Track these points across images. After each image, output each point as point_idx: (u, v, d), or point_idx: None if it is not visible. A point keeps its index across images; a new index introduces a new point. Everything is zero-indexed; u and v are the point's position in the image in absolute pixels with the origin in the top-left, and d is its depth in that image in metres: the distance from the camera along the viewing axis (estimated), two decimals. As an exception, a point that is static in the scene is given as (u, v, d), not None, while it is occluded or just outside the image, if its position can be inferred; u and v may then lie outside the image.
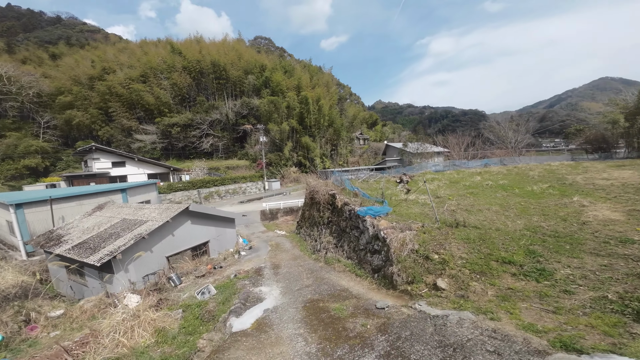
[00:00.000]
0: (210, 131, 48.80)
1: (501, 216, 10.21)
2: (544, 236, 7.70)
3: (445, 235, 7.79)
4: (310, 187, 16.57)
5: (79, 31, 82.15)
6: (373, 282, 8.40)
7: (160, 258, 13.04)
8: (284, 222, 26.67)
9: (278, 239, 19.43)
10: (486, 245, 7.03)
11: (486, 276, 5.97)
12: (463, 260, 6.57)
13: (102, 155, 33.78)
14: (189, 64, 51.19)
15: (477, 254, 6.68)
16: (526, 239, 7.27)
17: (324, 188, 14.63)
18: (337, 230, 12.78)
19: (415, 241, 7.63)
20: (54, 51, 68.37)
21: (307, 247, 15.70)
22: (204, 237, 14.93)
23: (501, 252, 6.66)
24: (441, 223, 8.89)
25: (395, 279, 7.23)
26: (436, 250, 7.11)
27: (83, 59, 57.18)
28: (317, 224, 15.54)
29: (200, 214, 14.68)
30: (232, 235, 16.98)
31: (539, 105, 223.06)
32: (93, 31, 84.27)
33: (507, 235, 7.74)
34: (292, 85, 53.18)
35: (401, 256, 7.41)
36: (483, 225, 8.93)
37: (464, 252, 6.87)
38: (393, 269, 7.39)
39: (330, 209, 14.14)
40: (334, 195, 13.98)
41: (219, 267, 13.83)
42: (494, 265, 6.21)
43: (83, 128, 49.88)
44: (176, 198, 33.08)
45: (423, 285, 6.56)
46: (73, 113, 48.18)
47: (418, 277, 6.76)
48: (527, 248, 6.74)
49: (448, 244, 7.31)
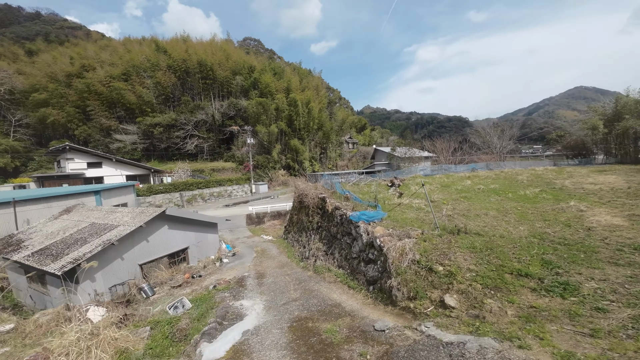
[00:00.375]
0: (195, 132, 46.98)
1: (501, 222, 9.55)
2: (553, 244, 7.01)
3: (448, 244, 6.96)
4: (299, 190, 15.59)
5: (58, 27, 78.21)
6: (368, 295, 7.47)
7: (132, 266, 11.71)
8: (271, 227, 25.46)
9: (264, 245, 18.26)
10: (495, 255, 6.25)
11: (502, 292, 5.15)
12: (472, 273, 5.75)
13: (76, 156, 31.55)
14: (174, 63, 49.32)
15: (487, 266, 5.88)
16: (537, 247, 6.55)
17: (314, 191, 13.67)
18: (328, 236, 11.84)
19: (415, 250, 6.77)
20: (30, 47, 64.65)
21: (294, 253, 14.67)
22: (183, 243, 13.65)
23: (514, 262, 5.88)
24: (441, 229, 8.09)
25: (394, 293, 6.33)
26: (440, 261, 6.26)
27: (61, 56, 54.10)
28: (306, 229, 14.56)
29: (179, 219, 13.41)
30: (215, 241, 15.73)
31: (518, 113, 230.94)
32: (74, 28, 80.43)
33: (514, 243, 7.00)
34: (281, 87, 52.15)
35: (401, 267, 6.53)
36: (485, 231, 8.20)
37: (472, 263, 6.05)
38: (392, 282, 6.48)
39: (320, 214, 13.23)
40: (324, 199, 13.08)
41: (197, 276, 12.57)
42: (509, 279, 5.41)
43: (58, 127, 46.96)
44: (156, 201, 31.25)
45: (428, 302, 5.68)
46: (48, 111, 45.28)
47: (421, 292, 5.88)
48: (540, 258, 6.00)
49: (453, 253, 6.48)
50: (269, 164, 46.42)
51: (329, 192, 13.59)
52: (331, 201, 12.45)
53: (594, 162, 34.08)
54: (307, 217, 14.58)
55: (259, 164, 46.17)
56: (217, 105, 49.23)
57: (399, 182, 18.07)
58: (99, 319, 9.72)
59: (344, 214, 10.59)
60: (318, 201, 13.62)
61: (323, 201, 13.13)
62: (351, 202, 12.20)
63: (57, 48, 62.18)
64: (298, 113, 48.01)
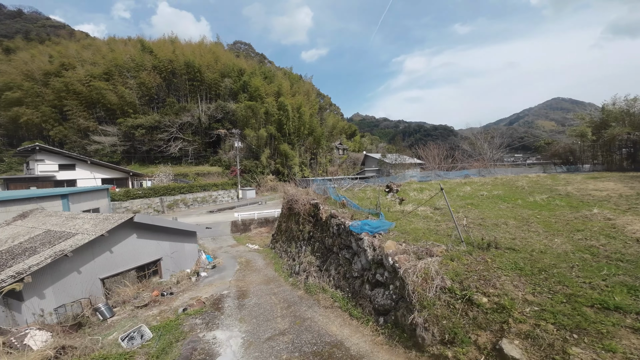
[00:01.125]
0: (180, 134, 44.39)
1: (528, 232, 7.98)
2: (612, 261, 5.42)
3: (485, 264, 5.26)
4: (288, 196, 13.72)
5: (40, 26, 74.02)
6: (379, 330, 5.64)
7: (91, 281, 9.59)
8: (257, 235, 23.33)
9: (249, 255, 16.19)
10: (555, 280, 4.57)
11: (589, 335, 3.46)
12: (534, 307, 4.03)
13: (47, 157, 28.57)
14: (160, 63, 46.87)
15: (552, 295, 4.19)
16: (604, 267, 4.92)
17: (305, 197, 11.85)
18: (322, 248, 9.97)
19: (444, 273, 5.02)
20: (8, 45, 60.64)
21: (282, 266, 12.71)
22: (155, 254, 11.52)
23: (587, 290, 4.22)
24: (466, 243, 6.40)
25: (420, 334, 4.54)
26: (482, 289, 4.53)
27: (40, 54, 50.59)
28: (296, 238, 12.64)
29: (150, 227, 11.30)
30: (193, 252, 13.59)
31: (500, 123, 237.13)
32: (57, 27, 76.37)
33: (567, 262, 5.36)
34: (271, 91, 50.42)
35: (426, 297, 4.76)
36: (518, 245, 6.57)
37: (528, 292, 4.35)
38: (415, 317, 4.69)
39: (312, 222, 11.39)
40: (317, 205, 11.29)
41: (168, 293, 10.39)
42: (591, 315, 3.72)
43: (32, 127, 43.45)
44: (134, 206, 28.54)
45: (474, 350, 3.91)
46: (21, 110, 41.86)
47: (462, 335, 4.12)
48: (618, 282, 4.36)
49: (496, 277, 4.77)
50: (257, 169, 44.34)
51: (322, 198, 11.80)
52: (325, 208, 10.65)
53: (582, 170, 33.74)
54: (297, 226, 12.71)
55: (246, 168, 44.00)
56: (204, 107, 46.89)
57: (397, 188, 16.45)
58: (40, 345, 7.63)
59: (341, 223, 8.77)
60: (310, 208, 11.81)
61: (316, 208, 11.33)
62: (349, 209, 10.41)
63: (37, 46, 58.50)
64: (288, 117, 46.31)
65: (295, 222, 13.05)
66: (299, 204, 11.88)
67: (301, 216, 11.99)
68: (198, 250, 14.24)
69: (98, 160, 33.44)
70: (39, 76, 44.75)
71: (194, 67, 47.74)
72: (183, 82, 48.07)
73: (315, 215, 11.19)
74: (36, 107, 42.63)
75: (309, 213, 11.76)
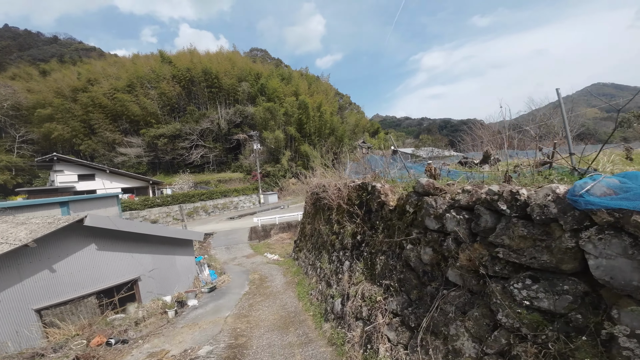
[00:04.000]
0: (201, 142, 43.02)
1: None
2: None
3: None
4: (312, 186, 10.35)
5: (73, 50, 78.38)
6: None
7: (19, 313, 6.67)
8: (278, 242, 20.21)
9: (265, 269, 12.97)
10: None
11: None
12: None
13: (66, 167, 27.75)
14: (179, 72, 46.26)
15: None
16: None
17: (338, 181, 8.21)
18: (395, 268, 4.84)
19: None
20: (44, 68, 63.86)
21: (309, 290, 8.97)
22: (128, 272, 8.51)
23: None
24: None
25: None
26: None
27: (71, 74, 52.41)
28: (328, 246, 8.66)
29: (119, 234, 8.30)
30: (188, 267, 10.56)
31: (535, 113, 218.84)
32: (89, 49, 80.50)
33: None
34: (289, 91, 48.04)
35: None
36: None
37: None
38: None
39: (360, 216, 6.45)
40: (366, 186, 6.43)
41: (120, 341, 6.92)
42: None
43: (63, 142, 44.24)
44: (152, 215, 26.71)
45: None
46: (52, 126, 42.62)
47: None
48: None
49: None
50: (278, 173, 41.76)
51: (372, 175, 7.22)
52: (386, 186, 5.77)
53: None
54: (328, 227, 8.93)
55: (267, 172, 41.57)
56: (222, 112, 45.37)
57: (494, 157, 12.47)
58: None
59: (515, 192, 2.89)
60: (350, 193, 7.18)
61: (364, 190, 6.53)
62: (446, 181, 4.57)
63: (69, 67, 61.10)
64: (309, 117, 43.45)
65: (325, 222, 9.31)
66: (329, 193, 8.17)
67: (334, 211, 8.19)
68: (201, 265, 11.20)
69: (116, 169, 32.38)
70: (68, 92, 45.74)
71: (211, 74, 46.61)
72: (202, 90, 47.06)
73: (365, 204, 6.40)
74: (66, 122, 43.35)
75: (349, 201, 7.11)
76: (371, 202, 6.14)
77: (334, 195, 7.70)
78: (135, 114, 43.20)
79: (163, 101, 45.11)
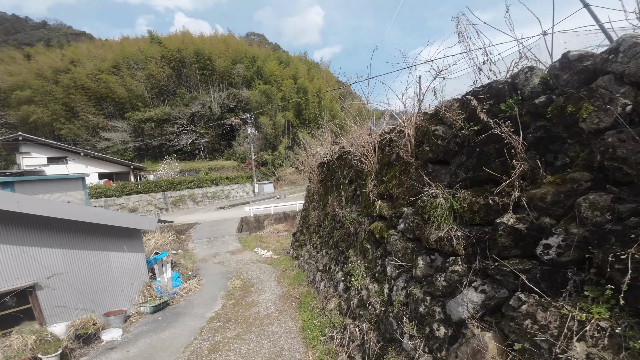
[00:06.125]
0: (191, 127, 39.41)
1: None
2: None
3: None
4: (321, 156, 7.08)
5: (62, 34, 73.65)
6: None
7: None
8: (272, 234, 16.96)
9: (252, 271, 9.67)
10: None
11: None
12: None
13: (34, 149, 24.18)
14: (169, 53, 42.37)
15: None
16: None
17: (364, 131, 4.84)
18: None
19: None
20: (29, 51, 59.35)
21: (322, 319, 5.39)
22: (16, 276, 5.20)
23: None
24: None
25: None
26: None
27: (56, 56, 48.17)
28: (357, 243, 5.28)
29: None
30: (133, 269, 7.20)
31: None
32: (78, 34, 75.78)
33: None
34: (287, 75, 44.39)
35: None
36: None
37: None
38: None
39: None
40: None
41: None
42: None
43: (43, 126, 40.37)
44: (130, 203, 23.31)
45: None
46: (30, 109, 38.74)
47: None
48: None
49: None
50: (275, 161, 38.45)
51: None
52: None
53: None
54: (359, 207, 5.57)
55: (264, 161, 38.25)
56: (215, 96, 41.65)
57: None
58: None
59: None
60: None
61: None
62: None
63: (55, 51, 56.72)
64: (307, 101, 39.94)
65: (350, 201, 5.90)
66: (364, 151, 4.74)
67: (372, 176, 4.67)
68: (162, 264, 7.89)
69: (91, 152, 28.77)
70: (50, 74, 41.74)
71: (203, 54, 42.77)
72: (193, 72, 43.25)
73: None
74: (46, 105, 39.49)
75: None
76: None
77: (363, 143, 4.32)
78: (120, 96, 39.46)
79: (151, 83, 41.30)
